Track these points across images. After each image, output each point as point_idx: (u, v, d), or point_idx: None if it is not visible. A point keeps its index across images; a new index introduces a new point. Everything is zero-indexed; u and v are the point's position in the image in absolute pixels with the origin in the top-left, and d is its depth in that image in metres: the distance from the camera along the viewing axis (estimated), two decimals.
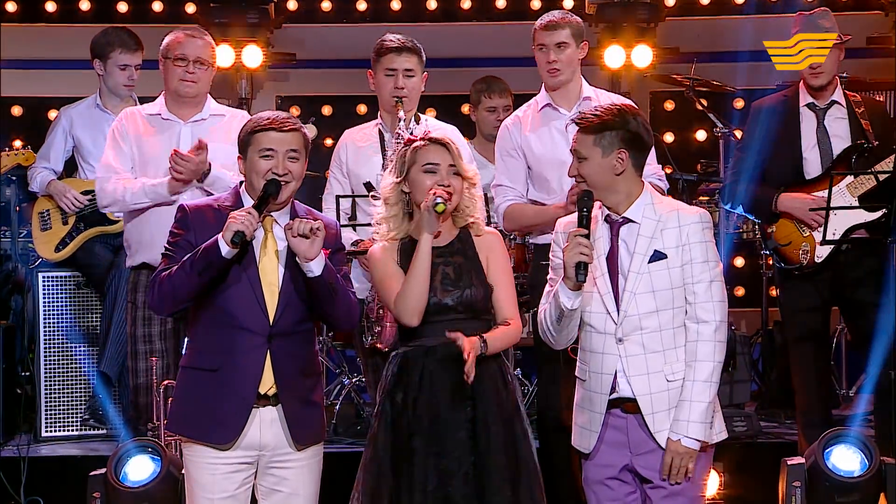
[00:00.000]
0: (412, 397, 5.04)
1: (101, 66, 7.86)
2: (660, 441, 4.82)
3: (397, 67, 6.56)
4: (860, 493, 5.93)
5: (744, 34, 9.69)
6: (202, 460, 4.96)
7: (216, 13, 9.45)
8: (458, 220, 5.18)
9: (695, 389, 4.78)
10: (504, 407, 5.07)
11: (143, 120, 6.73)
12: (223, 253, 4.77)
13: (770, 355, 8.32)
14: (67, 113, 8.01)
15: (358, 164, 6.64)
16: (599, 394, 4.87)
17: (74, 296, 7.86)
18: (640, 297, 4.82)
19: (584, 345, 4.94)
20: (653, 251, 4.84)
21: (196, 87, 6.64)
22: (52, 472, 7.27)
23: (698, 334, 4.81)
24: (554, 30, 6.55)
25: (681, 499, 4.88)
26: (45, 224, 7.83)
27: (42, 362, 7.78)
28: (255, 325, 4.91)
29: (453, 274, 5.10)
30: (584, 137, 4.88)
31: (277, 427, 4.96)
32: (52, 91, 9.69)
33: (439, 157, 5.10)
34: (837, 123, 6.81)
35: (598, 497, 4.97)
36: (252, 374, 4.91)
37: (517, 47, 9.89)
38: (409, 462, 4.99)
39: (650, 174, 6.65)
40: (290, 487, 5.02)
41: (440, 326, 5.05)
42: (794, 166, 6.77)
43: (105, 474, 5.88)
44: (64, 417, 7.80)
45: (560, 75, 6.56)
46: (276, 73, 9.85)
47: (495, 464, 4.98)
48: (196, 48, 6.62)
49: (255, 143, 4.97)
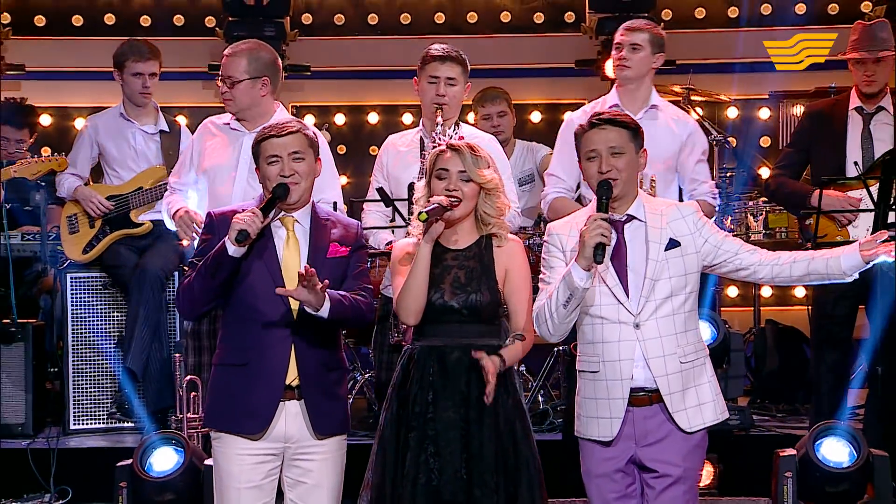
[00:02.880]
0: (414, 394, 5.03)
1: (119, 75, 7.87)
2: (678, 422, 4.83)
3: (440, 75, 6.53)
4: (849, 484, 5.93)
5: (737, 46, 9.74)
6: (231, 451, 4.97)
7: (235, 27, 9.47)
8: (479, 228, 5.14)
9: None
10: (504, 410, 5.04)
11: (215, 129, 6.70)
12: (230, 252, 4.82)
13: (762, 353, 8.33)
14: (93, 122, 8.03)
15: (398, 168, 6.60)
16: (619, 380, 4.85)
17: (101, 295, 7.85)
18: (659, 284, 4.85)
19: (595, 338, 4.91)
20: (668, 239, 4.88)
21: (232, 105, 6.57)
22: (80, 463, 7.26)
23: (762, 260, 4.93)
24: (633, 32, 6.67)
25: (680, 487, 4.87)
26: (73, 227, 7.85)
27: (70, 359, 7.78)
28: (279, 318, 4.94)
29: (464, 278, 5.07)
30: (623, 133, 4.93)
31: (301, 420, 4.97)
32: (79, 101, 9.72)
33: (451, 163, 5.05)
34: (883, 128, 6.84)
35: (600, 490, 4.95)
36: (278, 365, 4.93)
37: (521, 58, 9.97)
38: (404, 455, 4.99)
39: (705, 192, 6.74)
40: (314, 479, 5.02)
41: (447, 327, 5.05)
42: (837, 166, 6.79)
43: (131, 465, 5.89)
44: (91, 411, 7.80)
45: (626, 71, 6.63)
46: (292, 84, 9.84)
47: (486, 466, 4.96)
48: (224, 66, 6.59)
49: (262, 151, 5.01)
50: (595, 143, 4.91)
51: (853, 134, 6.85)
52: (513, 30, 10.14)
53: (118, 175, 7.83)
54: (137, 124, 7.87)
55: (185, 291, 4.98)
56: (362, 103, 9.87)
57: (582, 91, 9.97)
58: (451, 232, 5.10)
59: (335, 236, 5.04)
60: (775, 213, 8.42)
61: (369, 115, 9.89)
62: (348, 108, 10.04)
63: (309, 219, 5.04)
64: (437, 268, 5.05)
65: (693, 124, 6.89)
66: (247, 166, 6.44)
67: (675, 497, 4.88)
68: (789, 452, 5.99)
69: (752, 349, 8.39)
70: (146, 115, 7.90)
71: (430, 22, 10.13)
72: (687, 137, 6.79)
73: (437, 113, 6.45)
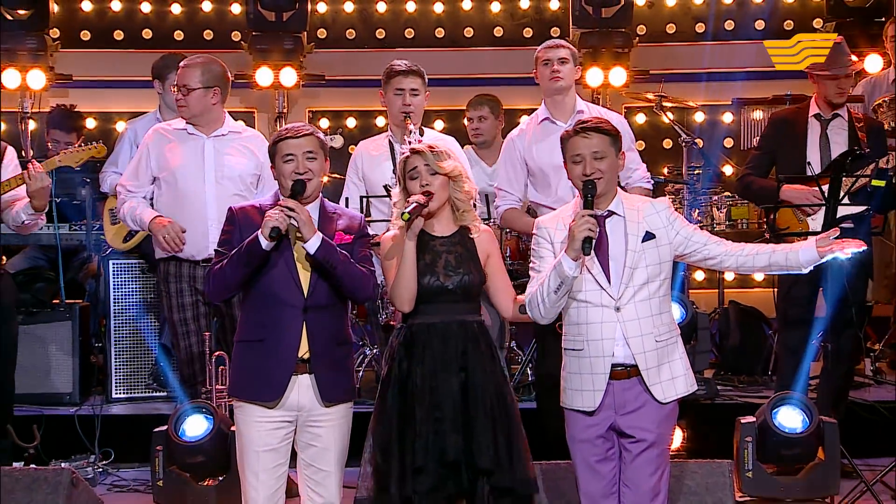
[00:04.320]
0: (415, 365, 5.03)
1: (160, 85, 7.85)
2: (654, 394, 4.85)
3: (405, 87, 6.61)
4: (802, 448, 5.91)
5: (703, 58, 9.75)
6: (251, 418, 4.99)
7: (258, 41, 9.46)
8: (457, 215, 5.16)
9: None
10: (494, 377, 5.05)
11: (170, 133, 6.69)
12: (263, 246, 4.85)
13: (726, 330, 8.33)
14: (132, 125, 8.02)
15: (371, 169, 6.70)
16: (601, 357, 4.87)
17: (139, 279, 7.85)
18: (637, 272, 4.86)
19: (580, 319, 4.92)
20: (644, 232, 4.90)
21: (186, 111, 6.58)
22: (121, 428, 7.31)
23: (728, 251, 4.95)
24: (557, 48, 6.62)
25: (654, 451, 4.89)
26: (114, 219, 7.81)
27: (112, 335, 7.79)
28: (292, 299, 4.96)
29: (454, 261, 5.08)
30: (605, 139, 4.92)
31: (312, 391, 4.98)
32: (119, 106, 9.70)
33: (417, 161, 5.07)
34: (838, 133, 6.84)
35: (583, 453, 4.96)
36: (292, 341, 4.95)
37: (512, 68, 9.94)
38: (411, 420, 4.99)
39: (639, 178, 6.70)
40: (323, 443, 5.03)
41: (442, 306, 5.06)
42: (800, 165, 6.78)
43: (166, 431, 5.87)
44: (131, 382, 7.82)
45: (561, 81, 6.57)
46: (308, 91, 9.84)
47: (483, 424, 4.96)
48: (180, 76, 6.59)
49: (278, 151, 5.04)
50: (580, 149, 4.91)
51: (812, 138, 6.85)
52: (505, 43, 10.13)
53: None
54: None
55: (215, 277, 4.99)
56: (371, 108, 9.84)
57: None
58: (434, 222, 5.12)
59: (341, 226, 5.06)
60: (737, 205, 8.42)
61: (377, 118, 9.87)
62: (358, 112, 10.03)
63: (318, 211, 5.06)
64: (428, 254, 5.07)
65: (616, 118, 6.82)
66: (213, 167, 6.47)
67: (650, 459, 4.90)
68: (749, 419, 5.98)
69: (717, 327, 8.39)
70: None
71: (432, 36, 10.12)
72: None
73: (406, 121, 6.53)
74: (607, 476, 4.96)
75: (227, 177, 6.53)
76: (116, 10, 9.90)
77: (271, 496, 5.00)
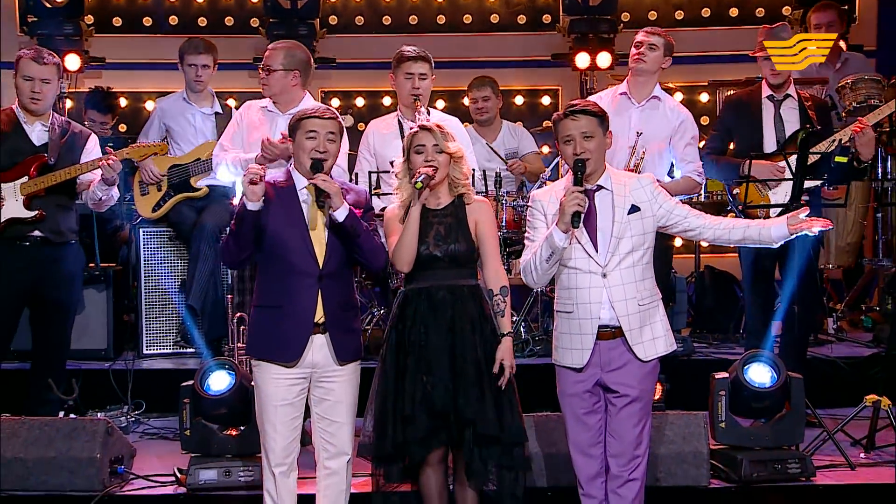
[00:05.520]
0: (408, 326, 5.04)
1: (181, 66, 7.81)
2: (636, 353, 4.85)
3: (414, 72, 6.54)
4: (770, 401, 5.91)
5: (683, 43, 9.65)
6: (269, 375, 4.99)
7: (274, 27, 9.41)
8: (452, 190, 5.15)
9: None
10: (483, 336, 5.02)
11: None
12: (249, 207, 4.84)
13: (702, 292, 8.31)
14: (161, 105, 8.00)
15: (382, 146, 6.63)
16: (589, 319, 4.86)
17: (167, 246, 7.83)
18: (622, 241, 4.85)
19: (570, 284, 4.90)
20: (630, 205, 4.87)
21: (267, 89, 6.57)
22: (151, 381, 7.28)
23: (706, 224, 4.95)
24: (651, 34, 6.73)
25: (637, 405, 4.89)
26: (143, 190, 7.82)
27: (143, 297, 7.76)
28: (308, 269, 4.94)
29: (444, 232, 5.07)
30: (593, 120, 4.88)
31: (325, 350, 4.98)
32: (149, 87, 9.65)
33: (425, 139, 5.06)
34: (790, 112, 6.77)
35: (571, 406, 4.97)
36: (308, 307, 4.94)
37: (507, 52, 9.88)
38: (404, 375, 5.00)
39: (692, 170, 6.73)
40: (336, 397, 5.04)
41: (432, 272, 5.06)
42: (756, 143, 6.72)
43: (192, 385, 5.86)
44: (160, 339, 7.80)
45: (642, 64, 6.66)
46: (321, 73, 9.73)
47: (469, 381, 4.96)
48: (266, 58, 6.56)
49: (302, 127, 5.00)
50: (570, 130, 4.88)
51: (767, 117, 6.79)
52: (500, 29, 10.05)
53: (181, 148, 7.78)
54: (197, 107, 7.81)
55: (223, 246, 5.06)
56: (378, 89, 9.80)
57: (556, 79, 9.94)
58: (431, 195, 5.10)
59: (349, 201, 5.01)
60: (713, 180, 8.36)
61: (384, 98, 9.82)
62: (367, 93, 9.96)
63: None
64: (422, 226, 5.04)
65: (685, 114, 6.86)
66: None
67: (633, 413, 4.91)
68: (723, 375, 5.97)
69: (694, 289, 8.37)
70: (204, 100, 7.83)
71: (433, 22, 10.05)
72: (679, 125, 6.80)
73: (416, 103, 6.47)
74: (594, 427, 4.96)
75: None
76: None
77: (287, 446, 5.02)
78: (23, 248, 6.33)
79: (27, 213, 6.31)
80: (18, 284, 6.34)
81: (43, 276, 6.35)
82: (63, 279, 6.44)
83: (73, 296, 6.56)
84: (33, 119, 6.41)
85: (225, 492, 5.75)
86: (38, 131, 6.42)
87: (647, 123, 6.70)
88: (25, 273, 6.33)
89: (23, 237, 6.33)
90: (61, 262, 6.41)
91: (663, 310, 5.00)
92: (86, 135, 6.56)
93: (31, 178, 6.32)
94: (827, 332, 8.09)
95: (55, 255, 6.39)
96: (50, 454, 5.77)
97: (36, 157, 6.36)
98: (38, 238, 6.34)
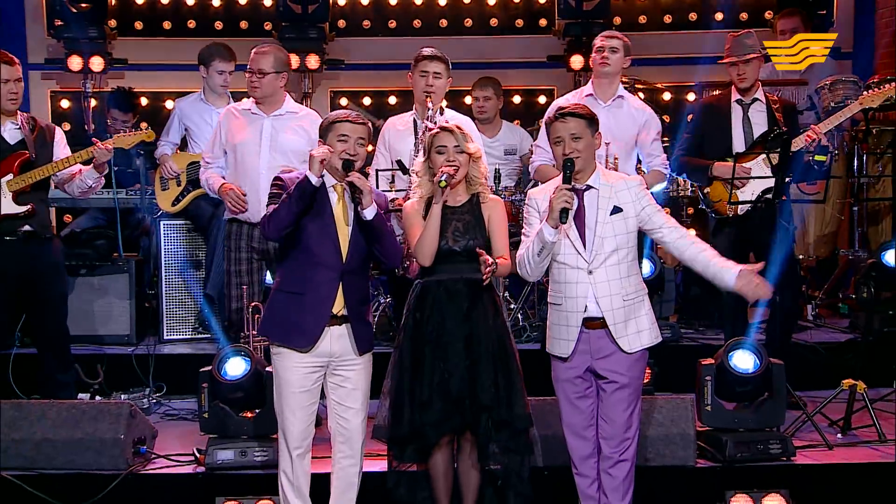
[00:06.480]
0: (426, 316, 5.05)
1: (204, 70, 7.79)
2: (621, 345, 4.84)
3: (429, 70, 6.51)
4: (753, 385, 5.90)
5: (672, 45, 9.67)
6: (288, 362, 5.00)
7: (287, 30, 9.36)
8: (469, 188, 5.14)
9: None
10: (496, 327, 5.06)
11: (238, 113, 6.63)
12: (313, 182, 4.85)
13: (689, 282, 8.28)
14: (180, 104, 7.98)
15: (397, 142, 6.60)
16: (575, 313, 4.87)
17: (186, 238, 7.84)
18: (606, 240, 4.84)
19: (559, 279, 4.92)
20: (612, 206, 4.86)
21: (258, 91, 6.49)
22: (171, 365, 7.28)
23: (683, 239, 4.91)
24: (611, 38, 6.71)
25: (626, 390, 4.89)
26: (164, 185, 7.81)
27: (163, 286, 7.78)
28: (332, 262, 4.96)
29: (462, 228, 5.08)
30: (581, 122, 4.87)
31: (344, 340, 4.99)
32: (168, 87, 9.61)
33: (447, 140, 5.06)
34: (758, 115, 6.73)
35: (565, 391, 4.98)
36: (328, 298, 4.96)
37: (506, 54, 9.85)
38: (421, 362, 5.02)
39: (659, 164, 6.70)
40: (352, 384, 5.06)
41: (450, 266, 5.06)
42: (726, 146, 6.69)
43: (210, 371, 5.86)
44: (180, 326, 7.81)
45: (608, 67, 6.63)
46: (330, 74, 9.73)
47: (484, 368, 4.99)
48: (254, 61, 6.49)
49: (334, 130, 5.00)
50: (560, 132, 4.87)
51: (736, 121, 6.74)
52: (499, 32, 10.00)
53: (199, 146, 7.75)
54: (214, 107, 7.78)
55: (270, 218, 4.92)
56: (384, 89, 9.76)
57: (552, 80, 9.87)
58: (450, 193, 5.09)
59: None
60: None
61: (389, 97, 9.79)
62: (373, 92, 9.91)
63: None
64: (441, 222, 5.03)
65: (649, 112, 6.84)
66: (268, 143, 6.40)
67: (623, 398, 4.91)
68: (709, 361, 5.96)
69: (681, 279, 8.34)
70: (220, 100, 7.81)
71: (436, 26, 10.00)
72: (644, 122, 6.77)
73: (427, 99, 6.42)
74: (586, 411, 4.97)
75: (280, 152, 6.43)
76: (165, 2, 9.77)
77: (304, 430, 5.05)
78: (11, 244, 6.24)
79: (19, 208, 6.24)
80: (11, 280, 6.27)
81: (34, 270, 6.29)
82: (53, 271, 6.38)
83: (64, 286, 6.53)
84: (3, 119, 6.31)
85: (241, 471, 5.76)
86: (10, 129, 6.34)
87: (615, 121, 6.68)
88: (17, 268, 6.26)
89: (11, 232, 6.25)
90: (49, 255, 6.36)
91: (649, 304, 4.99)
92: (52, 129, 6.49)
93: (16, 175, 6.23)
94: (806, 318, 8.08)
95: (43, 249, 6.33)
96: (77, 435, 5.78)
97: (18, 153, 6.27)
98: (25, 233, 6.27)
